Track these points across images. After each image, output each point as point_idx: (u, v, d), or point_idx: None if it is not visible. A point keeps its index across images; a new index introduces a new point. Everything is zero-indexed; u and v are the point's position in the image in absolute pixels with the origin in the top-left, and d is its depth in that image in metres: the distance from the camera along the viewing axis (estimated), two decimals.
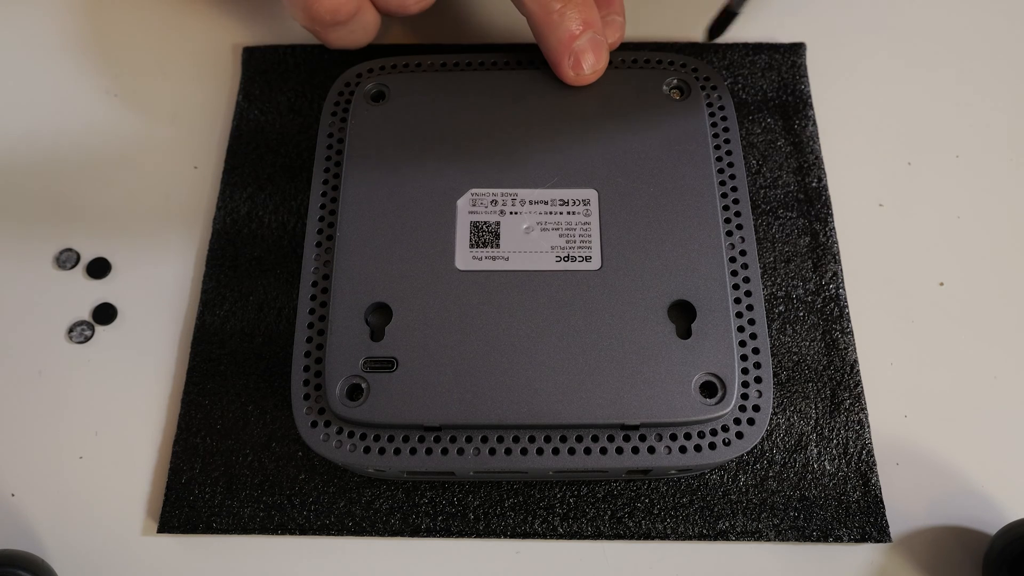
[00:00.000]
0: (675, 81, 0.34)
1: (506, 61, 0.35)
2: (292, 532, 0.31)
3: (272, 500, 0.32)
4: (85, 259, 0.36)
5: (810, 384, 0.33)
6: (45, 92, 0.40)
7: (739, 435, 0.28)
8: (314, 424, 0.29)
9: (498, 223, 0.31)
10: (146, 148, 0.38)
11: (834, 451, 0.32)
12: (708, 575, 0.31)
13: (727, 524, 0.31)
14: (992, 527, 0.31)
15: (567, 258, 0.30)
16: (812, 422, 0.32)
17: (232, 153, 0.38)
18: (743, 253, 0.31)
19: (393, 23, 0.41)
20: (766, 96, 0.38)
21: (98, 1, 0.42)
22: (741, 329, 0.30)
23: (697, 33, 0.41)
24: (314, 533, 0.31)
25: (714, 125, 0.33)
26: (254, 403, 0.33)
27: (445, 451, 0.28)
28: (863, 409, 0.33)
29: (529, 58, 0.35)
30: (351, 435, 0.29)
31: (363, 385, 0.29)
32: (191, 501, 0.32)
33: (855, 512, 0.31)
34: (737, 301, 0.30)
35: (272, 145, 0.38)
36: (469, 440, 0.28)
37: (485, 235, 0.31)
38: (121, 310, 0.35)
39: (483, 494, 0.32)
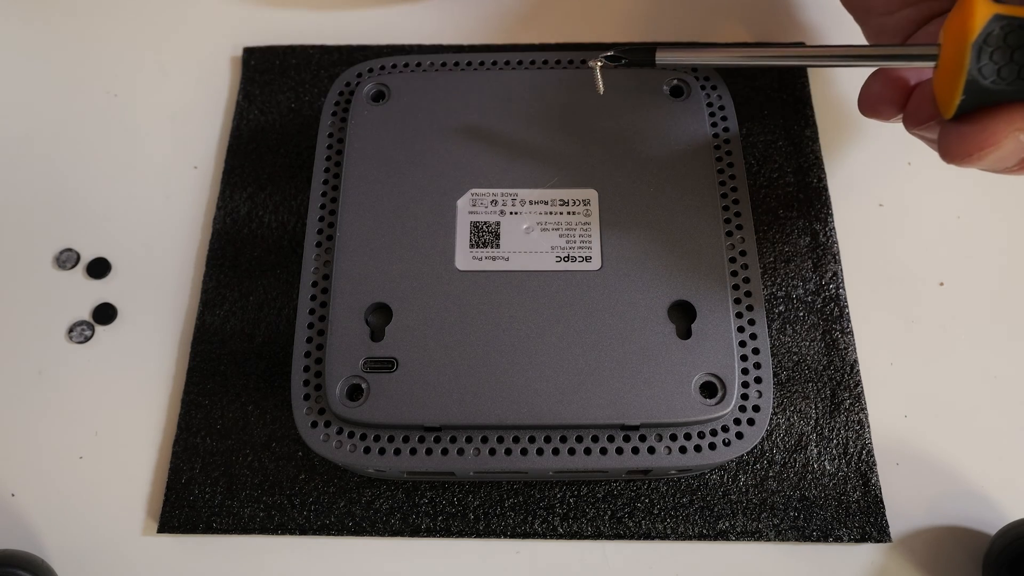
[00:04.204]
0: (675, 81, 0.34)
1: (506, 61, 0.35)
2: (292, 532, 0.31)
3: (272, 500, 0.32)
4: (85, 259, 0.36)
5: (810, 384, 0.33)
6: (45, 92, 0.40)
7: (739, 435, 0.28)
8: (314, 424, 0.29)
9: (498, 223, 0.31)
10: (146, 148, 0.38)
11: (834, 451, 0.32)
12: (708, 575, 0.31)
13: (727, 524, 0.31)
14: (992, 527, 0.31)
15: (567, 258, 0.30)
16: (812, 422, 0.32)
17: (232, 153, 0.38)
18: (743, 253, 0.31)
19: (394, 23, 0.41)
20: (766, 96, 0.38)
21: (98, 1, 0.42)
22: (741, 329, 0.30)
23: (696, 33, 0.41)
24: (314, 533, 0.31)
25: (714, 125, 0.33)
26: (254, 403, 0.33)
27: (445, 451, 0.28)
28: (863, 409, 0.33)
29: (530, 58, 0.35)
30: (351, 435, 0.29)
31: (363, 385, 0.29)
32: (191, 501, 0.32)
33: (855, 512, 0.31)
34: (737, 301, 0.30)
35: (272, 145, 0.38)
36: (469, 440, 0.28)
37: (485, 235, 0.31)
38: (121, 310, 0.35)
39: (483, 494, 0.32)
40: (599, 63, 0.28)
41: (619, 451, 0.28)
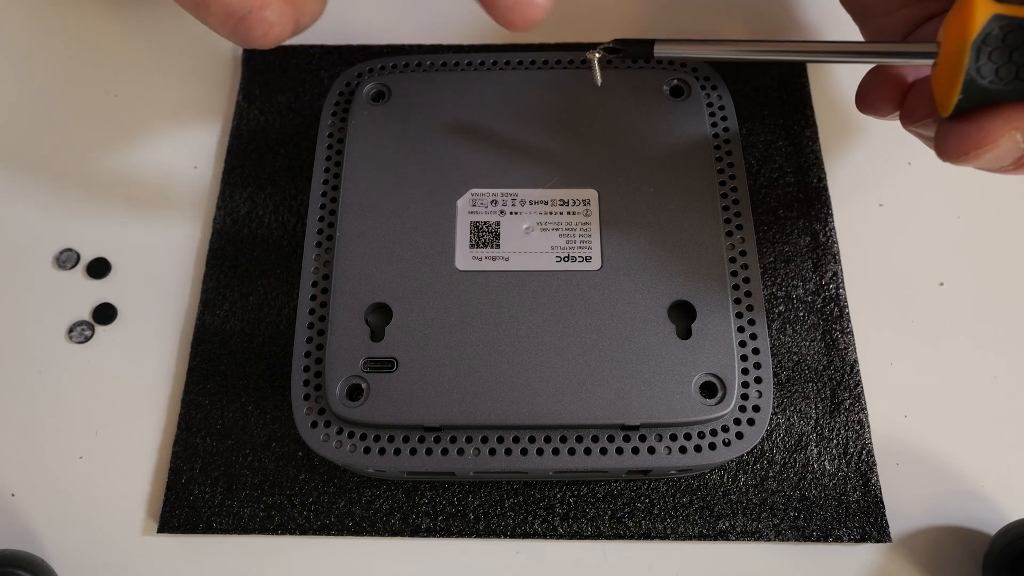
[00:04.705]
0: (675, 81, 0.34)
1: (506, 61, 0.35)
2: (292, 532, 0.31)
3: (272, 500, 0.32)
4: (85, 259, 0.36)
5: (810, 384, 0.33)
6: (45, 92, 0.40)
7: (739, 435, 0.28)
8: (314, 424, 0.29)
9: (498, 223, 0.31)
10: (146, 148, 0.38)
11: (834, 451, 0.32)
12: (708, 575, 0.31)
13: (727, 524, 0.31)
14: (992, 527, 0.31)
15: (567, 258, 0.30)
16: (812, 422, 0.32)
17: (232, 153, 0.38)
18: (743, 253, 0.31)
19: (394, 23, 0.41)
20: (766, 96, 0.38)
21: (98, 1, 0.42)
22: (741, 329, 0.30)
23: (696, 33, 0.41)
24: (314, 533, 0.31)
25: (714, 125, 0.33)
26: (254, 403, 0.33)
27: (445, 451, 0.28)
28: (863, 409, 0.33)
29: (530, 58, 0.35)
30: (351, 435, 0.29)
31: (363, 385, 0.29)
32: (191, 501, 0.32)
33: (855, 512, 0.31)
34: (737, 301, 0.30)
35: (272, 145, 0.38)
36: (469, 440, 0.28)
37: (485, 235, 0.31)
38: (121, 310, 0.35)
39: (483, 494, 0.32)
40: (597, 54, 0.28)
41: (619, 451, 0.28)
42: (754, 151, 0.37)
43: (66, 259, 0.36)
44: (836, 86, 0.39)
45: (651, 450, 0.28)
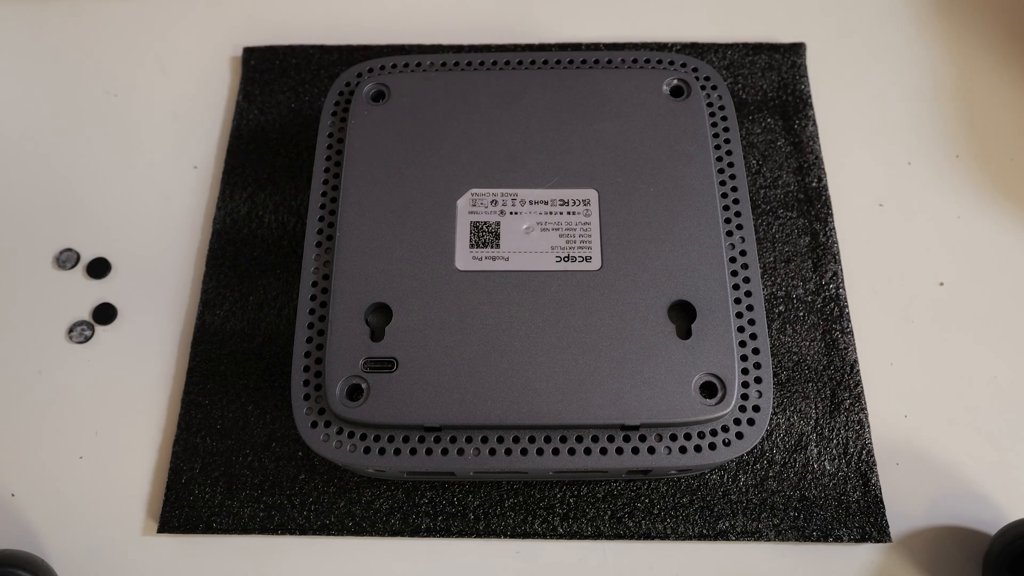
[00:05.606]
0: (675, 81, 0.34)
1: (506, 61, 0.35)
2: (292, 532, 0.31)
3: (272, 500, 0.32)
4: (85, 259, 0.36)
5: (810, 384, 0.33)
6: (45, 92, 0.40)
7: (739, 435, 0.28)
8: (314, 424, 0.29)
9: (498, 223, 0.31)
10: (146, 148, 0.39)
11: (834, 451, 0.32)
12: (708, 575, 0.31)
13: (727, 524, 0.31)
14: (992, 527, 0.31)
15: (567, 258, 0.30)
16: (812, 422, 0.32)
17: (232, 153, 0.38)
18: (743, 253, 0.31)
19: (394, 23, 0.41)
20: (766, 96, 0.38)
21: (98, 1, 0.42)
22: (741, 329, 0.30)
23: (695, 33, 0.41)
24: (314, 533, 0.31)
25: (714, 125, 0.33)
26: (254, 403, 0.33)
27: (445, 451, 0.28)
28: (863, 409, 0.33)
29: (530, 58, 0.35)
30: (351, 435, 0.29)
31: (363, 385, 0.29)
32: (191, 501, 0.32)
33: (855, 512, 0.31)
34: (737, 301, 0.30)
35: (272, 145, 0.38)
36: (469, 440, 0.28)
37: (485, 235, 0.31)
38: (121, 310, 0.35)
39: (483, 494, 0.32)
40: None
41: (619, 451, 0.28)
42: (754, 151, 0.37)
43: (66, 259, 0.36)
44: (836, 86, 0.39)
45: (651, 450, 0.28)
